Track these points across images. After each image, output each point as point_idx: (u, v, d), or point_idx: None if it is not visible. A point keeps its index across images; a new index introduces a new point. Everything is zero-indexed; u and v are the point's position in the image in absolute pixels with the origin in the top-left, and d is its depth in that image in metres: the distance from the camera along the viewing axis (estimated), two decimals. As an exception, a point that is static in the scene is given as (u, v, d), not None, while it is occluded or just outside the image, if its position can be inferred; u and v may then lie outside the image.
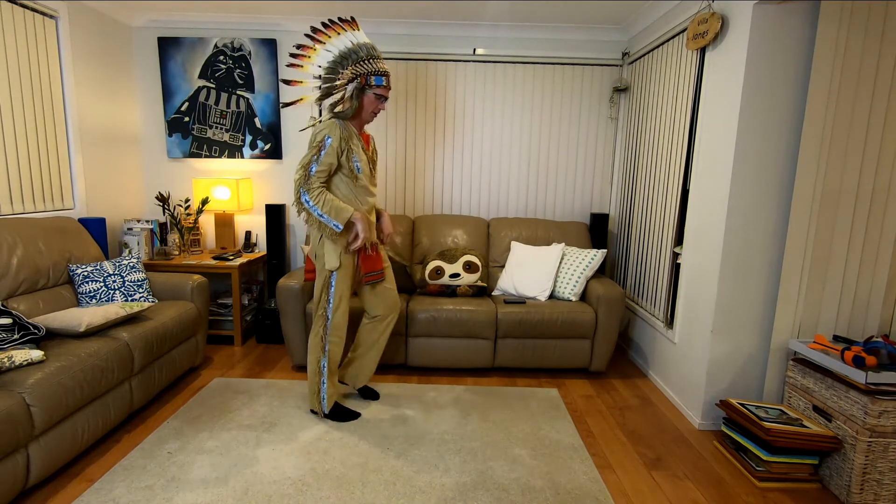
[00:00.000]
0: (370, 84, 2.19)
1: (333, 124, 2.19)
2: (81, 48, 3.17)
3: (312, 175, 2.17)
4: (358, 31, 2.20)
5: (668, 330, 2.89)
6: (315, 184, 2.17)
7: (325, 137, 2.17)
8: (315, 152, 2.17)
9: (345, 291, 2.32)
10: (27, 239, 2.51)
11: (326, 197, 2.17)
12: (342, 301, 2.32)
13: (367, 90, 2.21)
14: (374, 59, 2.19)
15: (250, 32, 3.64)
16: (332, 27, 2.19)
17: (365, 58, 2.17)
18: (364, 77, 2.18)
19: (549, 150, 3.80)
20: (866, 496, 1.97)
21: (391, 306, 2.54)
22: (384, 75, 2.20)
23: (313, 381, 2.41)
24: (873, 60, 2.16)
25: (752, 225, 2.36)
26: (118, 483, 1.96)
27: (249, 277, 3.93)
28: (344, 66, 2.18)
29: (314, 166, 2.17)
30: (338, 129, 2.18)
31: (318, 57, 2.21)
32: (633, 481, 2.09)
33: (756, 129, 2.28)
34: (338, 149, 2.18)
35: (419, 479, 2.03)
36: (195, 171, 3.82)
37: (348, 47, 2.18)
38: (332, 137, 2.17)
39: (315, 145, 2.18)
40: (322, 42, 2.20)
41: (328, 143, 2.16)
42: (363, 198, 2.32)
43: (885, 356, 2.03)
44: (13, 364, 1.89)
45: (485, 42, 3.65)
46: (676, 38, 2.88)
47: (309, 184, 2.17)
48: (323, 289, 2.31)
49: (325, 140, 2.17)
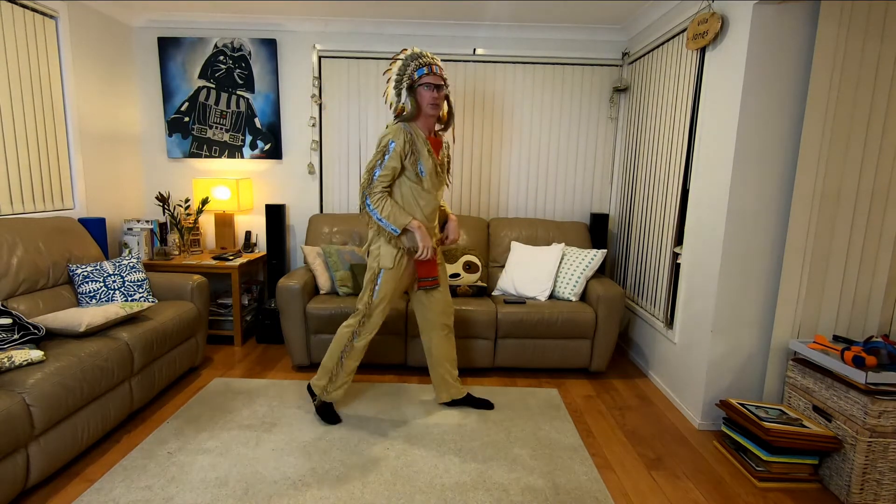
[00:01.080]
0: (414, 79, 2.23)
1: (398, 128, 2.23)
2: (81, 48, 3.17)
3: (376, 179, 2.23)
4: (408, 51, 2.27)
5: (668, 330, 2.89)
6: (377, 188, 2.24)
7: (389, 142, 2.22)
8: (379, 157, 2.23)
9: (389, 292, 2.33)
10: (27, 239, 2.51)
11: (387, 202, 2.24)
12: (385, 300, 2.34)
13: (416, 86, 2.24)
14: (417, 58, 2.24)
15: (250, 32, 3.64)
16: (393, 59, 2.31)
17: (409, 62, 2.24)
18: (408, 77, 2.24)
19: (549, 150, 3.80)
20: (866, 496, 1.98)
21: (441, 313, 2.49)
22: (426, 65, 2.23)
23: (329, 366, 2.41)
24: (873, 60, 2.16)
25: (752, 225, 2.36)
26: (118, 483, 1.96)
27: (249, 277, 3.93)
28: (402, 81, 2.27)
29: (378, 170, 2.23)
30: (402, 133, 2.22)
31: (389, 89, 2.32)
32: (633, 481, 2.09)
33: (756, 129, 2.29)
34: (402, 153, 2.22)
35: (419, 479, 2.03)
36: (195, 171, 3.82)
37: (399, 67, 2.27)
38: (396, 142, 2.21)
39: (380, 150, 2.23)
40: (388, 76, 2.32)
41: (392, 148, 2.21)
42: (426, 201, 2.32)
43: (885, 356, 2.03)
44: (13, 364, 1.89)
45: (485, 42, 3.65)
46: (676, 38, 2.88)
47: (372, 188, 2.24)
48: (369, 284, 2.33)
49: (388, 144, 2.22)
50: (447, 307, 2.51)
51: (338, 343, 2.40)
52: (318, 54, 3.65)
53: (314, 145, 3.76)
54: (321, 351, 3.02)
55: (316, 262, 3.22)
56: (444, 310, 2.50)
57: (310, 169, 3.80)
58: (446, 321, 2.51)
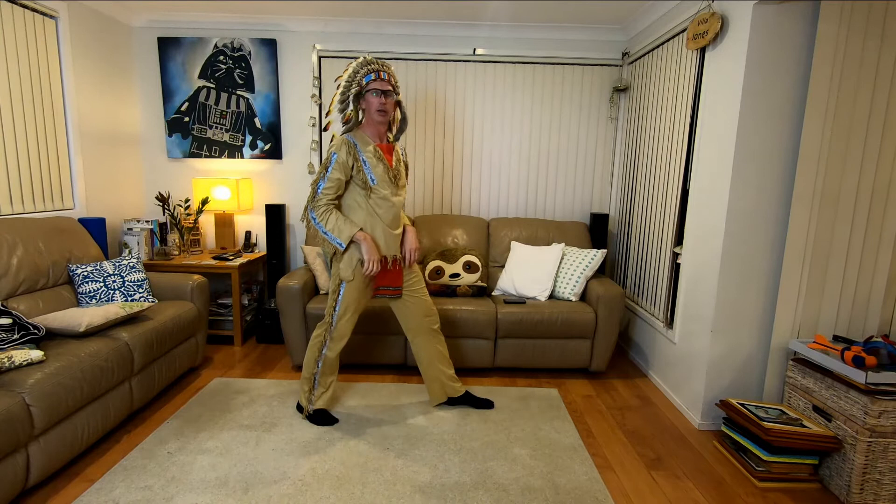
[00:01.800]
0: (362, 85, 2.21)
1: (341, 140, 2.22)
2: (81, 48, 3.17)
3: (320, 193, 2.21)
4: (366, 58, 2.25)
5: (668, 330, 2.89)
6: (322, 201, 2.21)
7: (331, 154, 2.21)
8: (323, 170, 2.22)
9: (352, 303, 2.32)
10: (27, 239, 2.51)
11: (332, 215, 2.22)
12: (348, 311, 2.33)
13: (364, 92, 2.23)
14: (366, 64, 2.22)
15: (250, 32, 3.64)
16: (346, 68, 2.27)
17: (358, 69, 2.22)
18: (357, 83, 2.22)
19: (549, 149, 3.80)
20: (866, 496, 1.98)
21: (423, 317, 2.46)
22: (374, 71, 2.21)
23: (307, 376, 2.42)
24: (873, 60, 2.16)
25: (752, 225, 2.36)
26: (118, 483, 1.96)
27: (249, 277, 3.93)
28: (349, 89, 2.24)
29: (322, 183, 2.21)
30: (345, 145, 2.20)
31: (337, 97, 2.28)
32: (633, 481, 2.09)
33: (756, 129, 2.28)
34: (345, 163, 2.20)
35: (419, 479, 2.03)
36: (195, 171, 3.82)
37: (350, 73, 2.23)
38: (339, 153, 2.20)
39: (324, 163, 2.22)
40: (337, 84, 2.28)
41: (334, 159, 2.20)
42: (384, 209, 2.29)
43: (885, 356, 2.03)
44: (13, 364, 1.89)
45: (485, 42, 3.65)
46: (676, 38, 2.88)
47: (316, 201, 2.22)
48: (332, 295, 2.33)
49: (331, 156, 2.21)
50: (428, 311, 2.48)
51: (311, 352, 2.40)
52: (318, 54, 3.65)
53: (314, 145, 3.76)
54: (321, 351, 3.02)
55: (316, 262, 3.22)
56: (426, 313, 2.47)
57: (310, 169, 3.80)
58: (430, 325, 2.49)
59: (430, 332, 2.50)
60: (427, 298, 2.49)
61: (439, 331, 2.54)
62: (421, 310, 2.46)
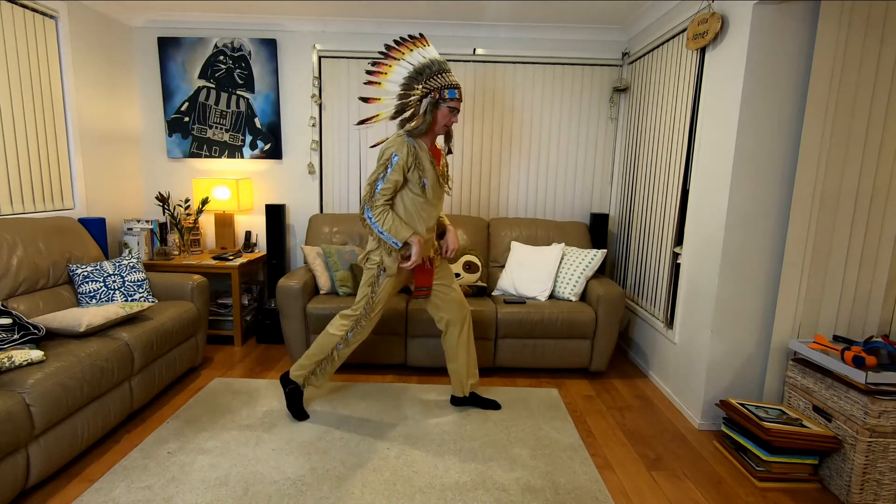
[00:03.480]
0: (444, 98, 2.18)
1: (401, 141, 2.19)
2: (81, 48, 3.17)
3: (378, 192, 2.20)
4: (429, 46, 2.21)
5: (668, 330, 2.89)
6: (379, 201, 2.21)
7: (391, 155, 2.18)
8: (382, 170, 2.19)
9: (386, 296, 2.34)
10: (27, 239, 2.51)
11: (388, 216, 2.21)
12: (381, 303, 2.34)
13: (441, 104, 2.20)
14: (446, 73, 2.19)
15: (250, 32, 3.64)
16: (405, 44, 2.20)
17: (437, 72, 2.18)
18: (438, 91, 2.18)
19: (549, 149, 3.80)
20: (866, 496, 1.97)
21: (456, 310, 2.48)
22: (457, 88, 2.20)
23: (319, 357, 2.39)
24: (873, 60, 2.16)
25: (752, 225, 2.36)
26: (118, 483, 1.95)
27: (249, 277, 3.93)
28: (418, 81, 2.19)
29: (380, 183, 2.20)
30: (405, 147, 2.18)
31: (394, 73, 2.22)
32: (633, 481, 2.09)
33: (756, 129, 2.29)
34: (404, 166, 2.19)
35: (419, 479, 2.03)
36: (195, 171, 3.82)
37: (422, 62, 2.19)
38: (399, 155, 2.17)
39: (382, 162, 2.19)
40: (396, 59, 2.21)
41: (395, 161, 2.17)
42: (427, 213, 2.31)
43: (885, 356, 2.03)
44: (13, 364, 1.89)
45: (485, 42, 3.65)
46: (676, 38, 2.88)
47: (373, 201, 2.20)
48: (367, 286, 2.32)
49: (391, 158, 2.18)
50: (463, 303, 2.51)
51: (329, 339, 2.38)
52: (318, 54, 3.65)
53: (314, 145, 3.76)
54: (321, 351, 3.02)
55: (316, 262, 3.22)
56: (461, 307, 2.50)
57: (310, 169, 3.80)
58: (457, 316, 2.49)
59: (462, 327, 2.51)
60: (457, 292, 2.50)
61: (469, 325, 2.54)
62: (451, 303, 2.48)
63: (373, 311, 2.34)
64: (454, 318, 2.49)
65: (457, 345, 2.52)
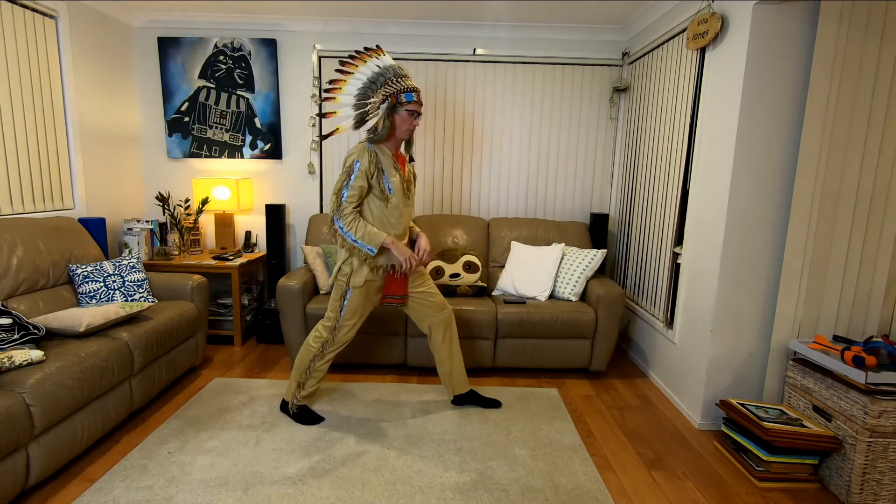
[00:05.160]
0: (401, 101, 2.21)
1: (362, 148, 2.21)
2: (81, 48, 3.17)
3: (344, 201, 2.21)
4: (383, 56, 2.24)
5: (668, 330, 2.89)
6: (347, 209, 2.21)
7: (353, 162, 2.20)
8: (345, 177, 2.20)
9: (357, 308, 2.33)
10: (27, 239, 2.51)
11: (360, 223, 2.21)
12: (355, 316, 2.34)
13: (399, 108, 2.22)
14: (402, 78, 2.22)
15: (250, 32, 3.64)
16: (359, 57, 2.24)
17: (392, 78, 2.21)
18: (394, 96, 2.21)
19: (549, 150, 3.80)
20: (866, 496, 1.98)
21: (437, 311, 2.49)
22: (414, 91, 2.23)
23: (298, 374, 2.41)
24: (873, 60, 2.16)
25: (751, 225, 2.36)
26: (118, 483, 1.96)
27: (249, 277, 3.93)
28: (373, 90, 2.22)
29: (345, 191, 2.20)
30: (366, 153, 2.20)
31: (348, 86, 2.25)
32: (633, 481, 2.09)
33: (756, 129, 2.29)
34: (367, 172, 2.20)
35: (419, 479, 2.03)
36: (195, 171, 3.82)
37: (375, 72, 2.22)
38: (361, 161, 2.19)
39: (345, 170, 2.20)
40: (350, 73, 2.25)
41: (357, 167, 2.19)
42: (395, 219, 2.31)
43: (885, 356, 2.03)
44: (13, 364, 1.89)
45: (485, 42, 3.65)
46: (676, 38, 2.88)
47: (341, 210, 2.21)
48: (338, 301, 2.32)
49: (353, 164, 2.19)
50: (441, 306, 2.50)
51: (307, 352, 2.39)
52: (318, 54, 3.65)
53: (314, 145, 3.76)
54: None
55: (316, 262, 3.22)
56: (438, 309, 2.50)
57: (310, 169, 3.80)
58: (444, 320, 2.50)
59: (444, 330, 2.51)
60: (437, 296, 2.50)
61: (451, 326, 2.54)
62: (433, 307, 2.48)
63: (344, 326, 2.33)
64: (436, 321, 2.50)
65: (441, 345, 2.53)
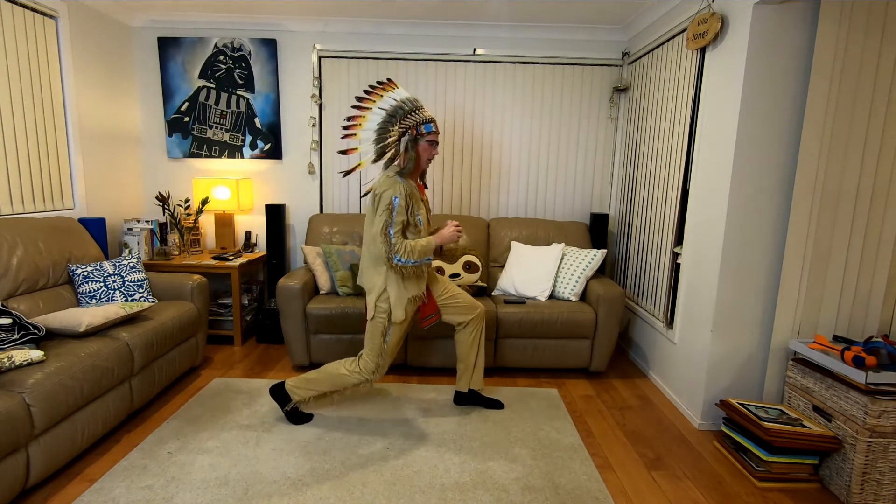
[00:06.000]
0: (421, 133, 2.24)
1: (396, 183, 2.21)
2: (81, 48, 3.17)
3: (393, 239, 2.21)
4: (398, 88, 2.28)
5: (668, 330, 2.89)
6: (398, 243, 2.21)
7: (391, 198, 2.20)
8: (387, 215, 2.20)
9: (400, 339, 2.35)
10: (27, 239, 2.51)
11: (408, 245, 2.22)
12: (397, 346, 2.36)
13: (420, 139, 2.25)
14: (419, 110, 2.26)
15: (250, 32, 3.64)
16: (374, 92, 2.27)
17: (410, 111, 2.24)
18: (414, 128, 2.24)
19: (549, 150, 3.80)
20: (866, 496, 1.97)
21: (466, 311, 2.52)
22: (432, 121, 2.26)
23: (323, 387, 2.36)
24: (873, 60, 2.16)
25: (751, 225, 2.36)
26: (118, 483, 1.95)
27: (249, 277, 3.93)
28: (392, 123, 2.25)
29: (391, 229, 2.20)
30: (401, 187, 2.21)
31: (368, 122, 2.28)
32: (633, 481, 2.09)
33: (756, 129, 2.28)
34: (404, 205, 2.21)
35: (419, 479, 2.03)
36: (195, 171, 3.82)
37: (392, 105, 2.25)
38: (399, 196, 2.20)
39: (386, 208, 2.19)
40: (368, 108, 2.28)
41: (397, 203, 2.20)
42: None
43: (885, 356, 2.03)
44: (13, 364, 1.89)
45: (485, 42, 3.65)
46: (676, 38, 2.88)
47: (394, 246, 2.20)
48: (378, 338, 2.30)
49: (393, 201, 2.20)
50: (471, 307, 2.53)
51: (337, 380, 2.35)
52: (318, 54, 3.65)
53: (314, 145, 3.76)
54: (321, 351, 3.02)
55: (316, 262, 3.22)
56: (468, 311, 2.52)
57: (310, 169, 3.80)
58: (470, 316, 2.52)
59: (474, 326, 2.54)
60: (464, 296, 2.53)
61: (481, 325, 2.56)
62: (465, 310, 2.52)
63: (390, 357, 2.35)
64: (471, 319, 2.53)
65: (467, 339, 2.55)
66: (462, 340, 2.56)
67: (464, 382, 2.62)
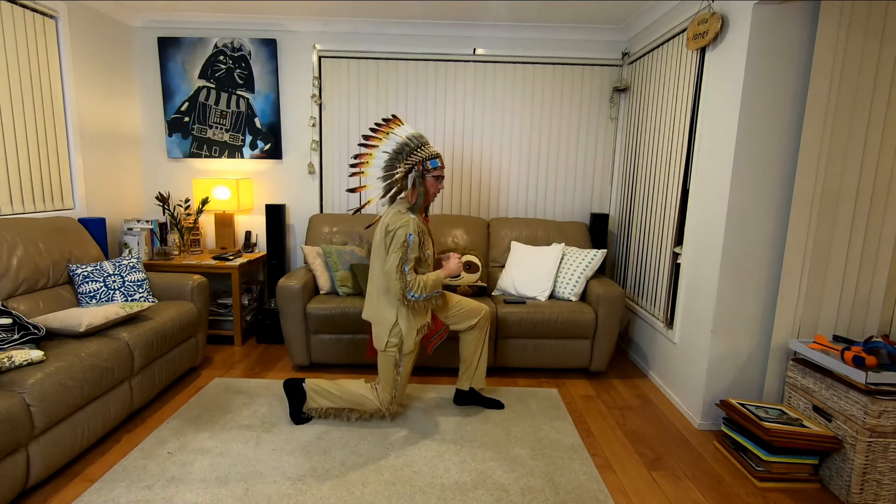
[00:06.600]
0: (427, 169, 2.27)
1: (409, 219, 2.22)
2: (81, 48, 3.17)
3: (408, 275, 2.22)
4: (403, 125, 2.31)
5: (668, 330, 2.89)
6: (412, 281, 2.22)
7: (407, 235, 2.21)
8: (402, 252, 2.20)
9: (410, 369, 2.39)
10: (27, 239, 2.51)
11: (421, 281, 2.24)
12: (408, 377, 2.39)
13: (427, 175, 2.28)
14: (425, 146, 2.29)
15: (250, 32, 3.64)
16: (380, 129, 2.31)
17: (415, 147, 2.27)
18: (420, 164, 2.27)
19: (549, 150, 3.80)
20: (866, 496, 1.97)
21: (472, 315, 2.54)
22: (437, 157, 2.30)
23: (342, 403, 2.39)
24: (873, 60, 2.16)
25: (752, 225, 2.36)
26: (118, 483, 1.95)
27: (249, 277, 3.93)
28: (399, 160, 2.28)
29: (406, 266, 2.22)
30: (413, 223, 2.22)
31: (375, 160, 2.31)
32: (633, 481, 2.09)
33: (756, 129, 2.28)
34: (418, 242, 2.23)
35: (419, 479, 2.03)
36: (195, 171, 3.82)
37: (399, 143, 2.28)
38: (413, 233, 2.21)
39: (400, 245, 2.20)
40: (375, 146, 2.31)
41: (411, 241, 2.21)
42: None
43: (885, 356, 2.03)
44: (13, 364, 1.89)
45: (485, 42, 3.65)
46: (676, 38, 2.88)
47: (408, 284, 2.22)
48: (391, 371, 2.34)
49: (408, 238, 2.21)
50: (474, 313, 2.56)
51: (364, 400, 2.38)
52: (318, 54, 3.65)
53: (314, 145, 3.76)
54: (321, 351, 3.02)
55: (316, 262, 3.22)
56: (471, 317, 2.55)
57: (310, 169, 3.80)
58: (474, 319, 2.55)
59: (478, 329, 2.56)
60: (467, 302, 2.56)
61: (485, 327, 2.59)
62: (470, 316, 2.54)
63: (405, 382, 2.39)
64: (479, 320, 2.55)
65: (472, 338, 2.57)
66: (468, 340, 2.57)
67: (465, 380, 2.62)
